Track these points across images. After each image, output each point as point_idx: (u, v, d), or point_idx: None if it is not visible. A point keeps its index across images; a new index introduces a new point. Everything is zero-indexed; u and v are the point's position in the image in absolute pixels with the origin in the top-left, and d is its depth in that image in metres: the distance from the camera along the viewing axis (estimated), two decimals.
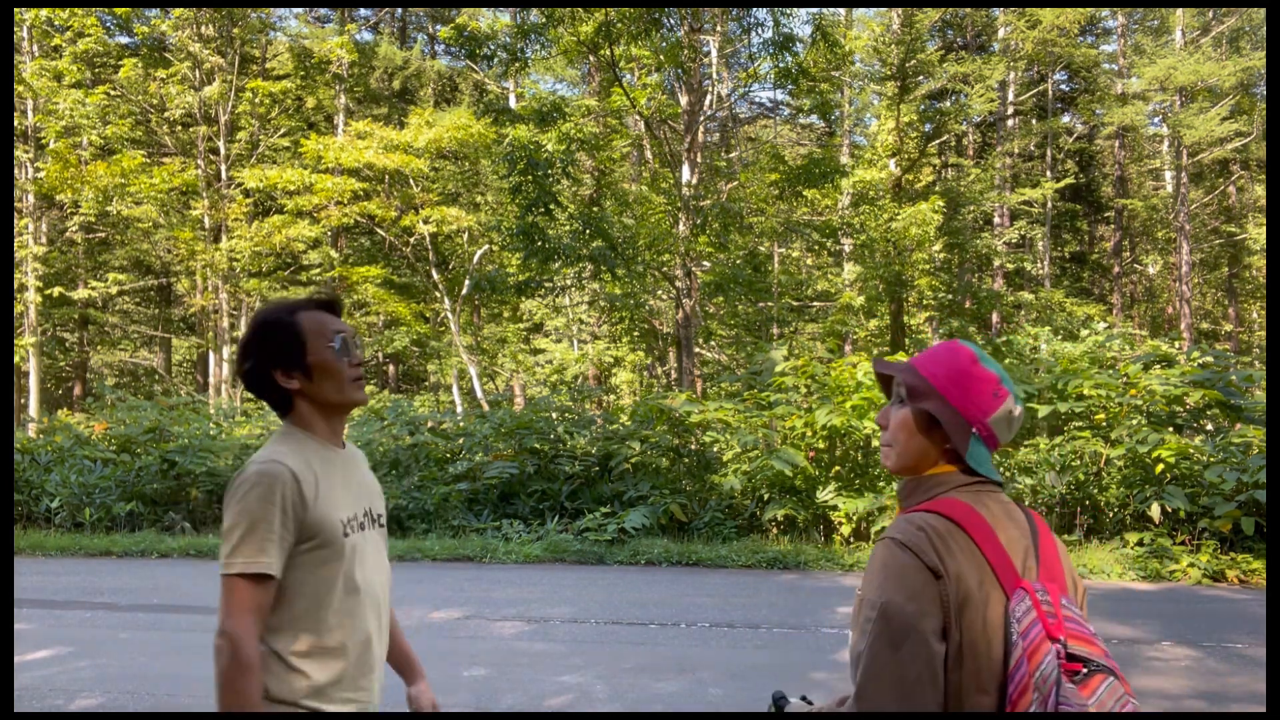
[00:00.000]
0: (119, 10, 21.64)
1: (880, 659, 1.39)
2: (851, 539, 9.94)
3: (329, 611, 1.89)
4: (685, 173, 16.13)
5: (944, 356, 1.62)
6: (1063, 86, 27.63)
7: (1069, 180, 26.41)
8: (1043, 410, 10.09)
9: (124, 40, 24.30)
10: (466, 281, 20.32)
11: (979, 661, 1.42)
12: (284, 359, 1.95)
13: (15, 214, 20.32)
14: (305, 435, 1.98)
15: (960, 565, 1.44)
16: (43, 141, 20.39)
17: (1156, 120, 26.88)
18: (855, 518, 9.79)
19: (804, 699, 1.76)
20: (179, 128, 23.06)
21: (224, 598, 1.80)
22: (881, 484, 10.12)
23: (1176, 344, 12.44)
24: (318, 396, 1.97)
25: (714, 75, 17.50)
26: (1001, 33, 24.37)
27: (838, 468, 10.35)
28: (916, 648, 1.39)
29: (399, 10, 29.51)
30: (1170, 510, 9.30)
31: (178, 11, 21.25)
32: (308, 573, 1.87)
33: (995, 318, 24.20)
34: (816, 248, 24.31)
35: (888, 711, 1.40)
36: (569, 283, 16.88)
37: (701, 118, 16.85)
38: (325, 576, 1.89)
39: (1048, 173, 26.11)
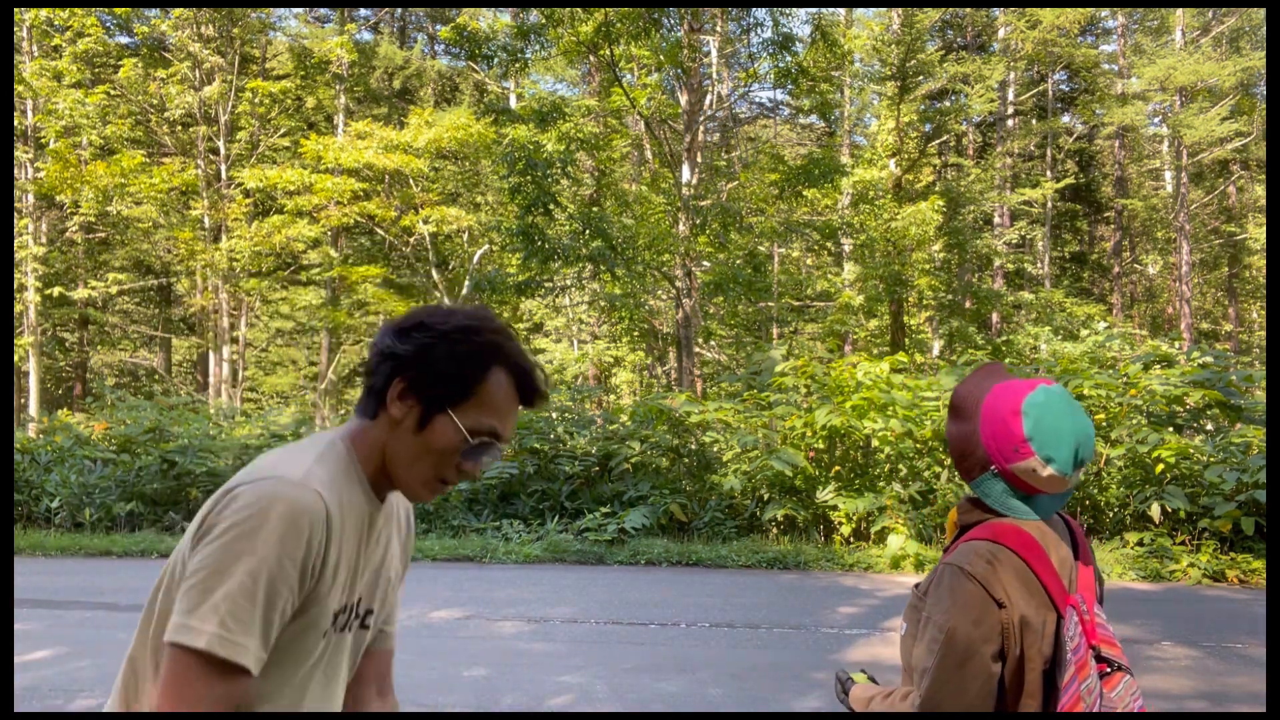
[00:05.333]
0: (119, 10, 21.64)
1: (946, 677, 1.58)
2: (851, 539, 9.93)
3: None
4: (685, 173, 16.13)
5: (1003, 393, 1.71)
6: (1063, 86, 27.63)
7: (1069, 180, 26.42)
8: None
9: (124, 40, 24.32)
10: (466, 281, 20.32)
11: (1033, 674, 1.62)
12: (423, 381, 1.37)
13: (15, 214, 20.31)
14: (353, 465, 1.42)
15: (1020, 594, 1.61)
16: (43, 141, 20.39)
17: (1156, 120, 26.88)
18: (855, 518, 9.78)
19: (871, 677, 1.91)
20: (179, 128, 23.05)
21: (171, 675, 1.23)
22: (881, 484, 10.12)
23: (1176, 344, 12.44)
24: (394, 449, 1.41)
25: (714, 75, 17.50)
26: (1001, 33, 24.37)
27: (837, 468, 10.35)
28: (978, 668, 1.57)
29: (399, 10, 29.50)
30: (1170, 510, 9.30)
31: (178, 11, 21.25)
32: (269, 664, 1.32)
33: (995, 318, 24.20)
34: (816, 248, 24.31)
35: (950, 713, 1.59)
36: (569, 283, 16.87)
37: (701, 118, 16.85)
38: (283, 679, 1.36)
39: (1048, 173, 26.11)
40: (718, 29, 17.85)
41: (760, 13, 15.30)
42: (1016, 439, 1.66)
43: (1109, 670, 1.65)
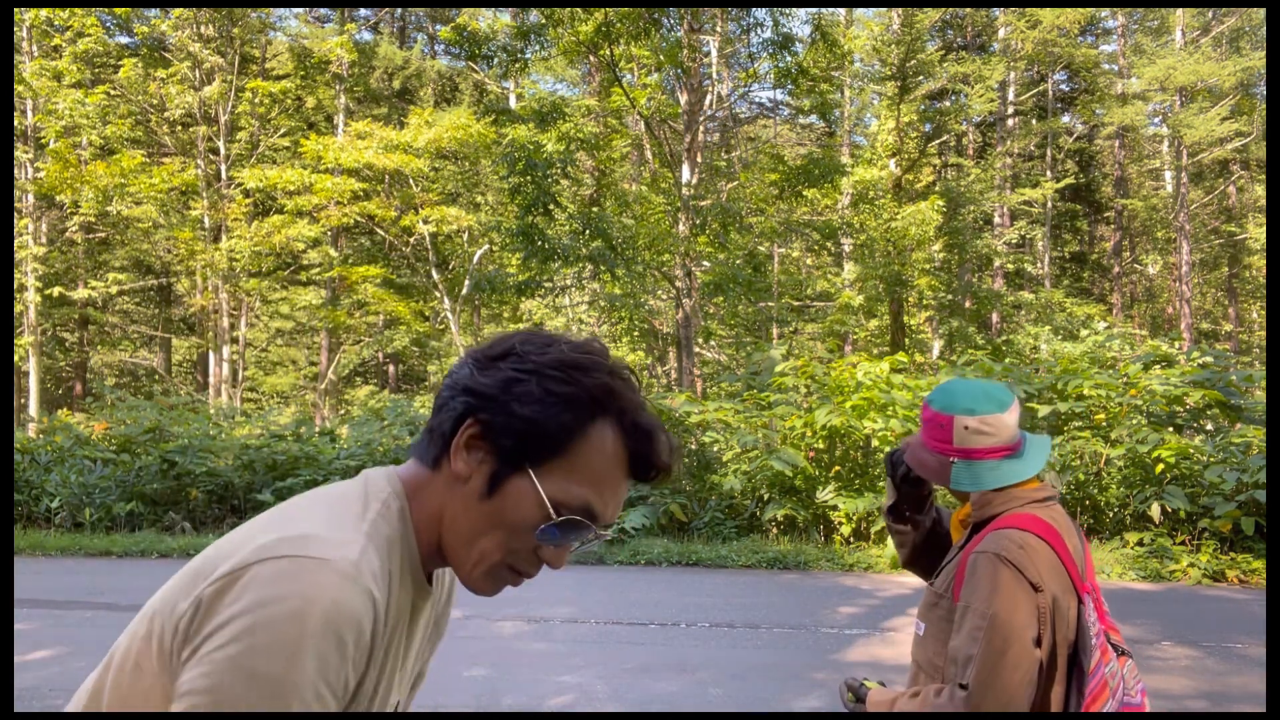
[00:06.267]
0: (119, 10, 21.64)
1: (991, 663, 1.62)
2: (851, 539, 9.94)
3: None
4: (685, 173, 16.13)
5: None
6: (1063, 86, 27.63)
7: (1069, 180, 26.41)
8: (1043, 410, 10.09)
9: (124, 40, 24.32)
10: (466, 281, 20.32)
11: (1061, 658, 1.69)
12: (502, 427, 1.01)
13: (15, 214, 20.31)
14: (408, 536, 1.05)
15: (1051, 578, 1.68)
16: (43, 141, 20.38)
17: (1156, 120, 26.88)
18: (855, 518, 9.78)
19: (880, 683, 1.94)
20: (179, 128, 23.05)
21: None
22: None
23: (1176, 344, 12.44)
24: (453, 516, 1.05)
25: (714, 75, 17.50)
26: (1001, 33, 24.37)
27: (837, 468, 10.35)
28: (1022, 653, 1.62)
29: (399, 10, 29.50)
30: (1170, 510, 9.30)
31: (178, 11, 21.25)
32: None
33: (995, 318, 24.20)
34: (816, 248, 24.31)
35: (997, 711, 1.63)
36: (569, 283, 16.88)
37: (701, 118, 16.85)
38: None
39: (1048, 173, 26.11)
40: (718, 29, 17.85)
41: (760, 13, 15.30)
42: (937, 420, 1.82)
43: (1116, 654, 1.72)
